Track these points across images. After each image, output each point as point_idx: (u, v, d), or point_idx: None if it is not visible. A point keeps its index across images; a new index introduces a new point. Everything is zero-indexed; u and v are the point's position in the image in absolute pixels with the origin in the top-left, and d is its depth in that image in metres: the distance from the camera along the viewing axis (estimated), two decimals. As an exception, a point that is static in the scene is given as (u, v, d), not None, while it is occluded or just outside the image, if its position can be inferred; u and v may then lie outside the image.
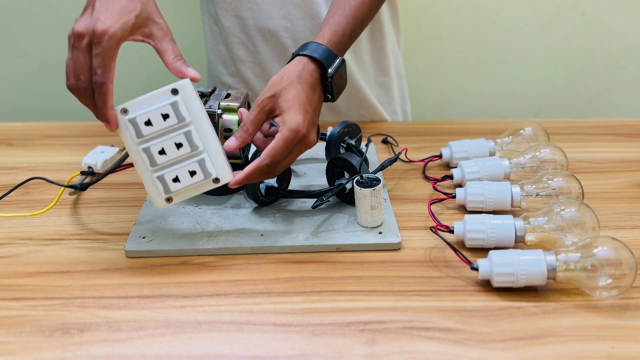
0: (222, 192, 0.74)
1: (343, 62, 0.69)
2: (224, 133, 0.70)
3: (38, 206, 0.73)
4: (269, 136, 0.68)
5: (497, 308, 0.55)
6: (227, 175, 0.62)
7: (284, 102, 0.63)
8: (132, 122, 0.60)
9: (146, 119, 0.60)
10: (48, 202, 0.71)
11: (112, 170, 0.70)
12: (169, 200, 0.62)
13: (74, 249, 0.65)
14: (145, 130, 0.60)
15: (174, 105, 0.60)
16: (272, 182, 0.72)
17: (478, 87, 1.47)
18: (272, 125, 0.68)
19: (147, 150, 0.60)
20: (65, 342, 0.52)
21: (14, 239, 0.67)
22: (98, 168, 0.77)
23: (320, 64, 0.67)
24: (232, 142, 0.63)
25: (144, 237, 0.65)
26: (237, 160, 0.73)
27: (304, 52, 0.67)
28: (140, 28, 0.61)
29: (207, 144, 0.62)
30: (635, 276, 0.54)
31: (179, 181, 0.62)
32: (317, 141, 0.66)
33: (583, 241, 0.56)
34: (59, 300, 0.57)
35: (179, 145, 0.61)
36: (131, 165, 0.67)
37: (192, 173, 0.62)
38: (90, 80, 0.58)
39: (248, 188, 0.69)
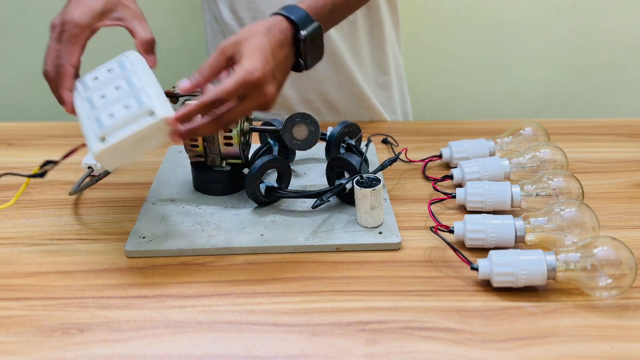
0: (222, 192, 0.74)
1: (320, 28, 0.67)
2: (223, 133, 0.70)
3: (38, 206, 0.73)
4: None
5: (497, 308, 0.55)
6: (165, 110, 0.58)
7: (245, 48, 0.61)
8: (82, 81, 0.62)
9: (94, 76, 0.62)
10: (48, 202, 0.72)
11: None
12: (103, 139, 0.57)
13: (74, 249, 0.65)
14: (92, 84, 0.61)
15: (120, 61, 0.62)
16: (272, 182, 0.73)
17: (478, 87, 1.47)
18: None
19: (89, 100, 0.60)
20: (65, 342, 0.52)
21: (14, 239, 0.67)
22: (98, 168, 0.77)
23: (294, 25, 0.65)
24: (185, 84, 0.61)
25: (144, 237, 0.65)
26: (237, 160, 0.73)
27: (280, 12, 0.66)
28: (109, 13, 0.64)
29: (147, 85, 0.60)
30: (635, 276, 0.54)
31: (113, 116, 0.58)
32: (275, 96, 0.63)
33: (583, 241, 0.56)
34: (59, 300, 0.57)
35: (118, 88, 0.60)
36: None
37: (127, 107, 0.58)
38: (54, 64, 0.61)
39: (248, 188, 0.69)
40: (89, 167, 0.77)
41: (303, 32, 0.65)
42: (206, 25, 1.03)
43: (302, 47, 0.66)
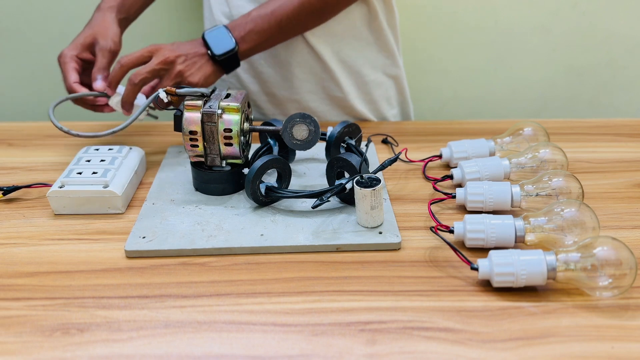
0: (222, 192, 0.74)
1: (233, 53, 0.84)
2: (223, 133, 0.70)
3: (38, 206, 0.73)
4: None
5: (497, 308, 0.55)
6: (116, 189, 0.71)
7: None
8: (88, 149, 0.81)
9: (97, 148, 0.81)
10: (49, 201, 0.71)
11: None
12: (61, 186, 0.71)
13: (74, 249, 0.65)
14: (92, 151, 0.80)
15: (121, 148, 0.81)
16: (272, 182, 0.73)
17: (478, 87, 1.47)
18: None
19: (80, 159, 0.77)
20: (65, 342, 0.52)
21: (14, 238, 0.67)
22: (114, 102, 0.84)
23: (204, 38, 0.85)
24: (98, 85, 0.83)
25: (144, 237, 0.65)
26: (237, 160, 0.73)
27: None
28: (89, 48, 0.85)
29: (121, 168, 0.76)
30: (635, 276, 0.54)
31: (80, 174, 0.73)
32: (184, 71, 0.82)
33: (583, 241, 0.56)
34: (59, 300, 0.57)
35: (102, 161, 0.77)
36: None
37: (94, 173, 0.74)
38: (66, 87, 0.84)
39: (248, 188, 0.69)
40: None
41: (206, 31, 0.85)
42: (206, 22, 1.03)
43: (206, 40, 0.84)
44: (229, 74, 0.98)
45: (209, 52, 0.84)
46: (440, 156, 0.82)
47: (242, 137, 0.72)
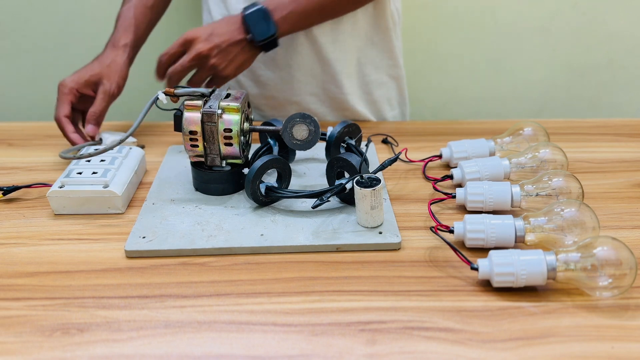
0: (222, 192, 0.74)
1: (263, 11, 0.83)
2: (223, 133, 0.70)
3: (38, 206, 0.73)
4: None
5: (497, 308, 0.55)
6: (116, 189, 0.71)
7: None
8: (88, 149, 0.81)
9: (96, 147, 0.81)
10: (49, 201, 0.71)
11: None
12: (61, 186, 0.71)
13: (74, 249, 0.65)
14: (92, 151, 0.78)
15: (122, 148, 0.80)
16: (272, 182, 0.73)
17: (478, 87, 1.47)
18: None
19: (78, 162, 0.76)
20: (65, 342, 0.52)
21: (14, 238, 0.67)
22: (107, 143, 0.82)
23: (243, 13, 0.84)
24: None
25: (144, 237, 0.65)
26: (237, 160, 0.73)
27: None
28: (91, 85, 0.85)
29: (121, 168, 0.76)
30: (635, 276, 0.54)
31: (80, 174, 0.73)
32: (218, 64, 0.83)
33: (583, 241, 0.56)
34: (59, 300, 0.57)
35: (102, 161, 0.77)
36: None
37: (94, 173, 0.73)
38: (55, 117, 0.84)
39: (248, 188, 0.69)
40: (100, 139, 0.83)
41: (246, 12, 0.83)
42: (205, 23, 1.03)
43: (245, 22, 0.83)
44: None
45: (248, 36, 0.83)
46: (440, 156, 0.82)
47: (242, 137, 0.72)
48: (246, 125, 0.73)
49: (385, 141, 0.91)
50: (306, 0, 0.85)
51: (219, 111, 0.70)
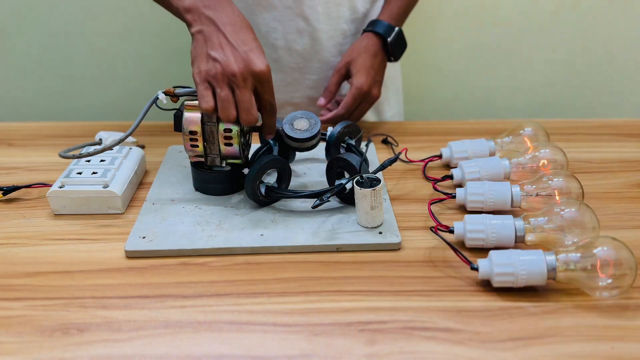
0: (222, 192, 0.74)
1: (400, 32, 0.94)
2: (223, 133, 0.70)
3: (38, 206, 0.73)
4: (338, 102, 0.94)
5: (497, 308, 0.55)
6: (116, 188, 0.71)
7: (353, 67, 0.90)
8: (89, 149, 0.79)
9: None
10: (48, 201, 0.71)
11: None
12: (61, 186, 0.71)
13: (74, 249, 0.65)
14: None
15: (123, 148, 0.80)
16: (272, 182, 0.73)
17: (478, 87, 1.47)
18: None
19: (78, 162, 0.76)
20: (65, 342, 0.52)
21: (14, 238, 0.67)
22: (106, 144, 0.79)
23: (381, 36, 0.92)
24: (321, 101, 0.92)
25: (144, 237, 0.65)
26: (237, 160, 0.73)
27: (368, 29, 0.93)
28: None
29: (121, 169, 0.76)
30: (635, 276, 0.54)
31: (80, 174, 0.73)
32: (379, 94, 0.92)
33: (583, 241, 0.56)
34: (59, 300, 0.57)
35: (102, 161, 0.77)
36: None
37: (94, 173, 0.73)
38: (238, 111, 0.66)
39: (248, 188, 0.69)
40: (100, 139, 0.82)
41: (389, 39, 0.92)
42: None
43: (391, 50, 0.93)
44: None
45: (391, 58, 0.94)
46: (440, 156, 0.82)
47: (242, 137, 0.71)
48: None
49: (385, 141, 0.91)
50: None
51: (219, 111, 0.70)
